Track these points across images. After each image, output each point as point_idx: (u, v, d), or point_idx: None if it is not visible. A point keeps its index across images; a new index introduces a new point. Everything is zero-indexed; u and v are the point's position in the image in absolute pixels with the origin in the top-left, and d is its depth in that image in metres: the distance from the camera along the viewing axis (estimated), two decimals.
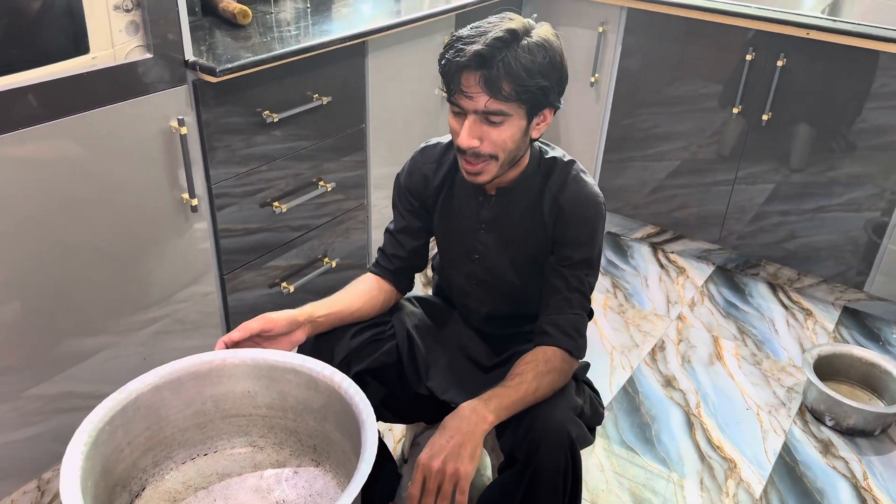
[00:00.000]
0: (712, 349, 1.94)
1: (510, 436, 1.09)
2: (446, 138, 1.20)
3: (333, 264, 1.91)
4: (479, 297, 1.25)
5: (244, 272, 1.71)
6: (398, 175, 1.25)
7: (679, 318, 2.06)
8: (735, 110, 2.04)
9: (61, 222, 1.33)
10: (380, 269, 1.26)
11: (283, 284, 1.80)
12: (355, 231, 1.98)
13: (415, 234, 1.25)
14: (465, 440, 0.98)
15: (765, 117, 2.00)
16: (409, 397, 1.28)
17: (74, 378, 1.46)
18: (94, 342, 1.47)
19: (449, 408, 1.32)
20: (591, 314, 1.18)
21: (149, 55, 1.32)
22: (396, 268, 1.26)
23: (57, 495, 1.50)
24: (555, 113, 1.07)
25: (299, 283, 1.82)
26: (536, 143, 1.14)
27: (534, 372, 1.07)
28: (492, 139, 1.02)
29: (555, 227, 1.12)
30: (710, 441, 1.65)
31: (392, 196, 1.27)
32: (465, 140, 1.01)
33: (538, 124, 1.05)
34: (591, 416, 1.20)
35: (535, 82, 0.99)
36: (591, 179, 1.13)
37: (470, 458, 0.98)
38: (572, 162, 1.14)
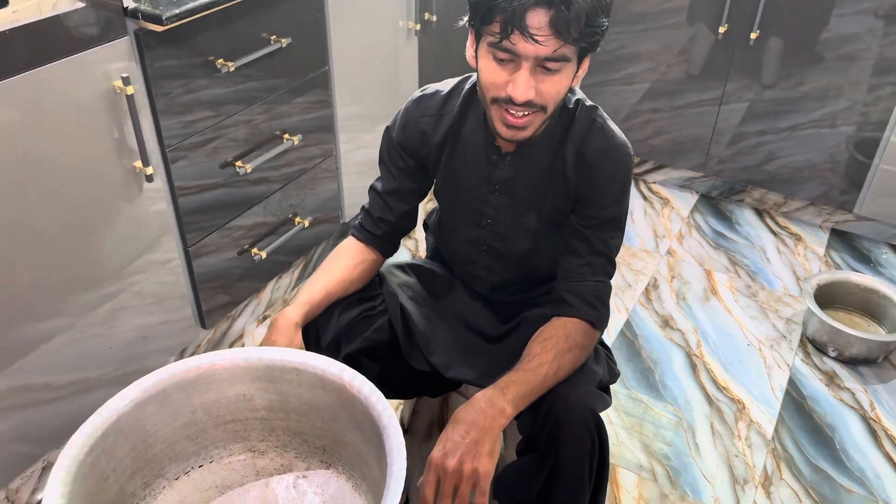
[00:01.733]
0: (706, 284, 1.88)
1: (528, 419, 0.99)
2: (446, 86, 1.05)
3: (306, 223, 1.75)
4: (486, 265, 1.13)
5: (207, 236, 1.55)
6: (388, 128, 1.10)
7: (669, 252, 1.99)
8: (721, 29, 1.92)
9: None
10: (365, 235, 1.13)
11: (254, 251, 1.65)
12: (324, 182, 1.82)
13: (406, 196, 1.11)
14: (481, 436, 0.89)
15: (753, 35, 1.88)
16: (408, 373, 1.18)
17: (28, 369, 1.30)
18: (46, 327, 1.31)
19: (453, 382, 1.22)
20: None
21: (80, 4, 1.12)
22: (384, 233, 1.12)
23: (27, 502, 1.37)
24: None
25: (271, 247, 1.67)
26: None
27: (554, 351, 0.96)
28: (545, 89, 0.88)
29: (578, 184, 1.00)
30: (715, 382, 1.60)
31: (380, 151, 1.12)
32: (523, 92, 0.86)
33: (579, 72, 0.91)
34: (609, 378, 1.12)
35: (600, 23, 0.85)
36: (617, 127, 1.01)
37: (489, 455, 0.89)
38: (595, 108, 1.00)
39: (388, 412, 0.86)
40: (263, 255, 1.65)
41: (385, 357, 1.13)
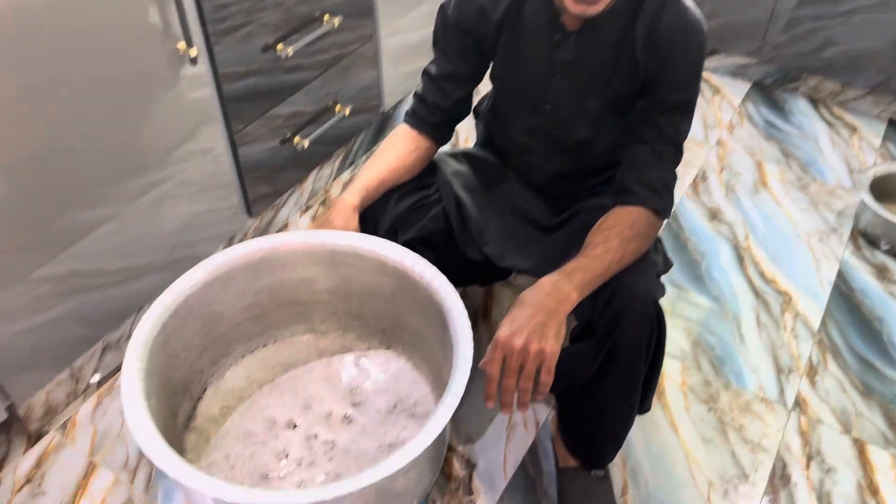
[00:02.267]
0: (756, 175, 1.84)
1: (587, 305, 0.99)
2: None
3: (346, 112, 1.72)
4: (543, 154, 1.10)
5: (249, 124, 1.53)
6: (442, 6, 1.05)
7: (718, 143, 1.93)
8: None
9: (38, 88, 1.13)
10: (419, 123, 1.10)
11: (296, 139, 1.63)
12: (363, 68, 1.76)
13: (462, 81, 1.07)
14: (548, 319, 0.89)
15: None
16: (461, 262, 1.18)
17: (80, 256, 1.33)
18: (92, 215, 1.32)
19: (504, 271, 1.23)
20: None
21: None
22: (438, 120, 1.09)
23: (91, 384, 1.43)
24: None
25: (313, 136, 1.65)
26: None
27: (619, 239, 0.95)
28: None
29: (648, 65, 0.95)
30: (762, 275, 1.59)
31: (434, 31, 1.07)
32: None
33: None
34: (664, 268, 1.11)
35: None
36: (692, 2, 0.94)
37: (555, 336, 0.89)
38: None
39: (452, 296, 0.86)
40: (305, 143, 1.63)
41: (440, 246, 1.13)
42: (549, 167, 1.11)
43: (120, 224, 1.39)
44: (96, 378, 1.44)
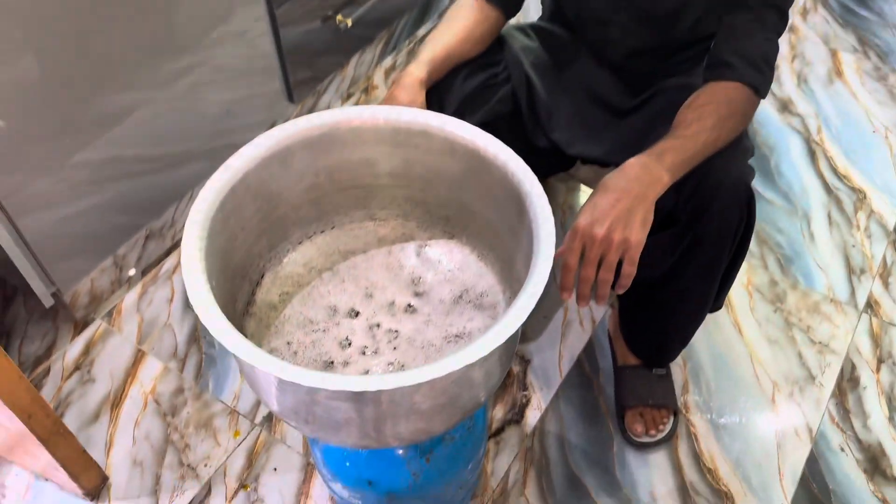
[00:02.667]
0: (830, 65, 1.71)
1: (670, 191, 0.92)
2: None
3: None
4: (624, 27, 1.00)
5: (288, 1, 1.42)
6: None
7: (791, 30, 1.79)
8: None
9: None
10: None
11: (339, 17, 1.52)
12: None
13: None
14: (634, 204, 0.82)
15: None
16: (525, 150, 1.10)
17: (116, 141, 1.27)
18: (126, 99, 1.26)
19: (568, 161, 1.14)
20: None
21: None
22: None
23: (135, 272, 1.40)
24: None
25: (356, 14, 1.54)
26: None
27: (714, 117, 0.86)
28: None
29: None
30: (835, 171, 1.50)
31: None
32: None
33: None
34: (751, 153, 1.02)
35: None
36: None
37: (641, 224, 0.82)
38: None
39: (530, 178, 0.79)
40: (349, 22, 1.52)
41: (503, 131, 1.05)
42: (629, 41, 1.01)
43: (156, 109, 1.32)
44: (132, 272, 1.41)
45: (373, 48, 1.75)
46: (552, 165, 1.17)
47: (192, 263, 0.71)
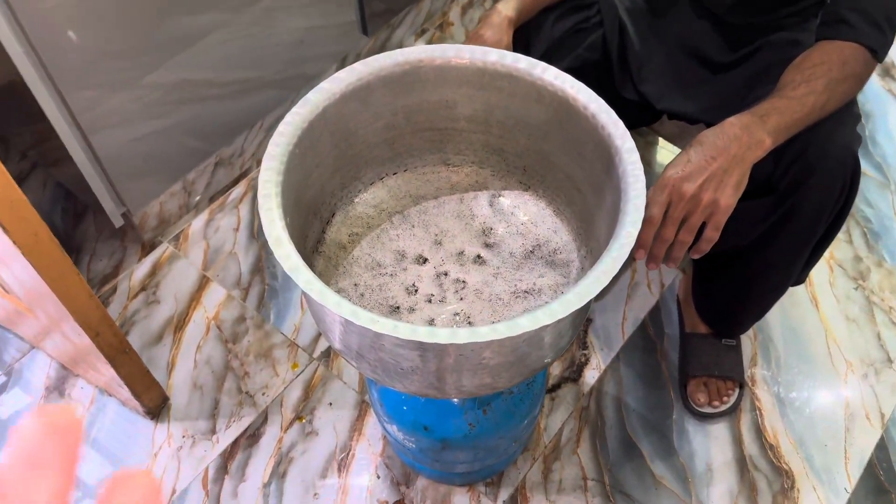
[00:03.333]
0: None
1: (771, 157, 0.86)
2: None
3: None
4: None
5: None
6: None
7: None
8: None
9: None
10: None
11: None
12: None
13: None
14: (731, 165, 0.76)
15: None
16: (613, 100, 1.04)
17: (190, 64, 1.26)
18: (201, 20, 1.24)
19: (653, 115, 1.09)
20: None
21: None
22: None
23: (203, 198, 1.41)
24: None
25: None
26: None
27: (825, 79, 0.79)
28: None
29: None
30: None
31: None
32: None
33: None
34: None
35: None
36: None
37: (735, 187, 0.77)
38: None
39: (622, 133, 0.75)
40: None
41: (589, 78, 0.99)
42: None
43: (230, 33, 1.30)
44: (198, 198, 1.41)
45: None
46: (637, 118, 1.11)
47: (269, 199, 0.69)
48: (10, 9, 0.95)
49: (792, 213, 0.85)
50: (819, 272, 1.25)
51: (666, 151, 1.39)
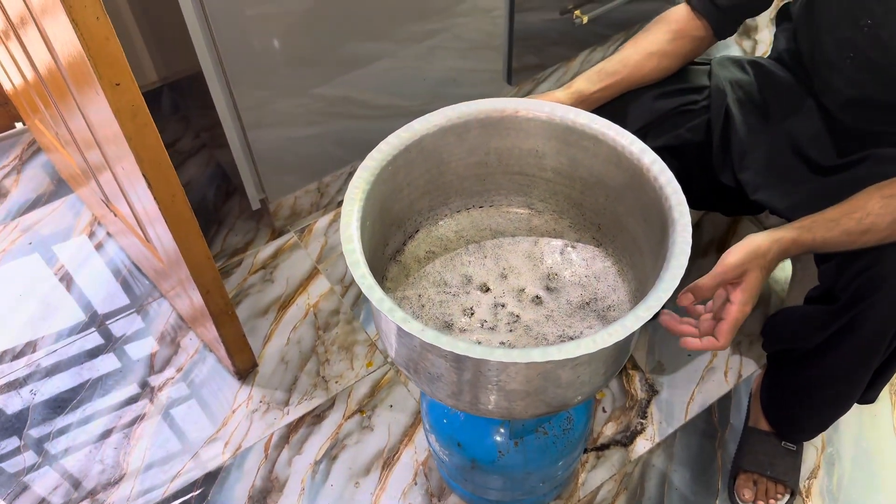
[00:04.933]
0: None
1: (835, 267, 0.86)
2: None
3: None
4: (850, 77, 0.93)
5: None
6: None
7: None
8: None
9: None
10: (703, 4, 0.97)
11: (577, 13, 1.55)
12: None
13: None
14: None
15: None
16: (709, 184, 1.07)
17: (355, 83, 1.43)
18: (374, 48, 1.40)
19: (754, 206, 1.10)
20: None
21: None
22: (726, 4, 0.96)
23: (333, 200, 1.57)
24: None
25: (595, 13, 1.56)
26: None
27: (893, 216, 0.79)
28: None
29: None
30: None
31: None
32: None
33: None
34: None
35: None
36: None
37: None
38: None
39: (682, 207, 0.79)
40: (585, 19, 1.55)
41: (689, 159, 1.03)
42: (850, 91, 0.94)
43: (394, 63, 1.46)
44: (341, 198, 1.56)
45: (604, 48, 1.77)
46: (735, 207, 1.13)
47: (351, 204, 0.80)
48: (203, 9, 1.14)
49: (853, 325, 0.84)
50: None
51: None
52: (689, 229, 0.77)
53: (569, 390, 0.78)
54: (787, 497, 1.09)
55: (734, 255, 0.76)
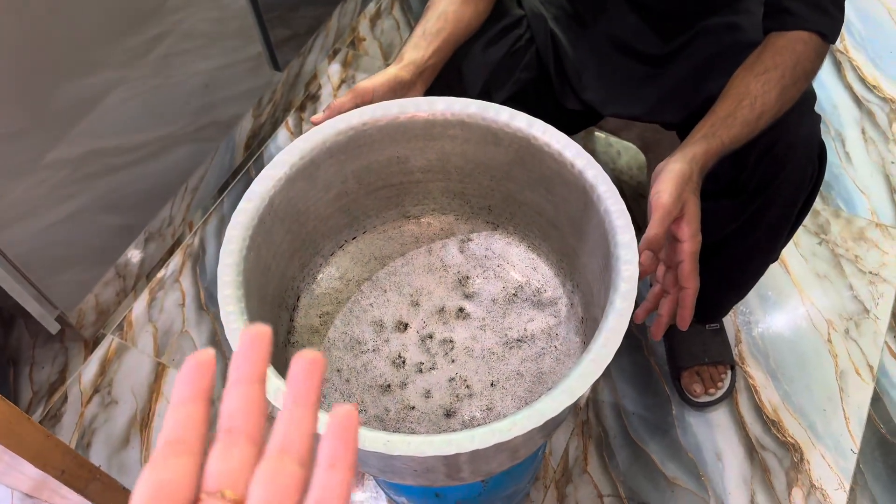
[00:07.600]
0: None
1: (732, 162, 0.84)
2: None
3: None
4: None
5: None
6: None
7: None
8: None
9: None
10: None
11: None
12: None
13: None
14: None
15: None
16: (555, 113, 0.99)
17: (93, 132, 1.15)
18: (96, 82, 1.13)
19: (597, 117, 1.05)
20: None
21: None
22: None
23: (140, 276, 1.31)
24: None
25: None
26: None
27: (779, 89, 0.76)
28: None
29: None
30: (863, 81, 1.41)
31: None
32: None
33: None
34: None
35: None
36: None
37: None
38: None
39: (594, 170, 0.70)
40: None
41: (531, 99, 0.94)
42: None
43: (129, 90, 1.19)
44: (133, 281, 1.31)
45: None
46: (583, 124, 1.07)
47: (227, 315, 0.62)
48: None
49: (764, 207, 0.83)
50: None
51: (603, 139, 1.36)
52: (615, 191, 0.69)
53: (516, 453, 0.69)
54: (729, 373, 1.12)
55: (665, 191, 0.70)
